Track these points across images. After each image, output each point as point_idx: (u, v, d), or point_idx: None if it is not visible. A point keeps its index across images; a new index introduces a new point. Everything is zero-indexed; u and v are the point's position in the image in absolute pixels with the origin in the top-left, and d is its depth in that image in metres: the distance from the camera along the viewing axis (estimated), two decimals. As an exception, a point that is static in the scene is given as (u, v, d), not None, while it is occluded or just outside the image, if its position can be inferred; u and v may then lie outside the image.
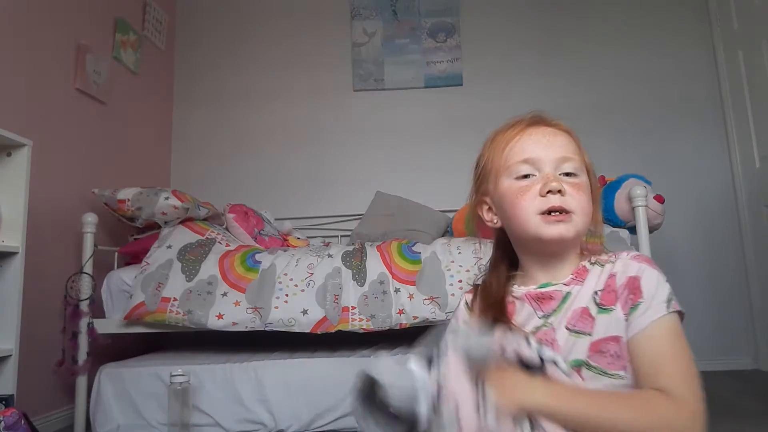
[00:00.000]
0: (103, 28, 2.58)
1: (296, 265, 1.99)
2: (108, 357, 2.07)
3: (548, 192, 0.77)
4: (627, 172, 2.26)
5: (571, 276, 0.81)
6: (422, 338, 0.81)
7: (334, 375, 1.83)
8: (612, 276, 0.76)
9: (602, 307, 0.75)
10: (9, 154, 1.69)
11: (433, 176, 3.04)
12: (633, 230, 2.06)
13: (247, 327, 1.91)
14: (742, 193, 2.83)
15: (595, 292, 0.77)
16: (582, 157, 0.83)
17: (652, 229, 2.07)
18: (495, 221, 0.87)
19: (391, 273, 1.95)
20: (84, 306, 2.04)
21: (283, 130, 3.18)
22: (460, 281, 1.89)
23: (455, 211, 2.59)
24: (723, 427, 1.68)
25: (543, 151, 0.80)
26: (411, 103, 3.15)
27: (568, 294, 0.80)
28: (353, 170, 3.11)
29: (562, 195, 0.77)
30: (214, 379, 1.85)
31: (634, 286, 0.73)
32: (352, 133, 3.15)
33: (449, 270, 1.92)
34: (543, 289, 0.82)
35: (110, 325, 2.06)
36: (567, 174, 0.80)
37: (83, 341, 2.02)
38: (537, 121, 0.84)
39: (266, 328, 1.90)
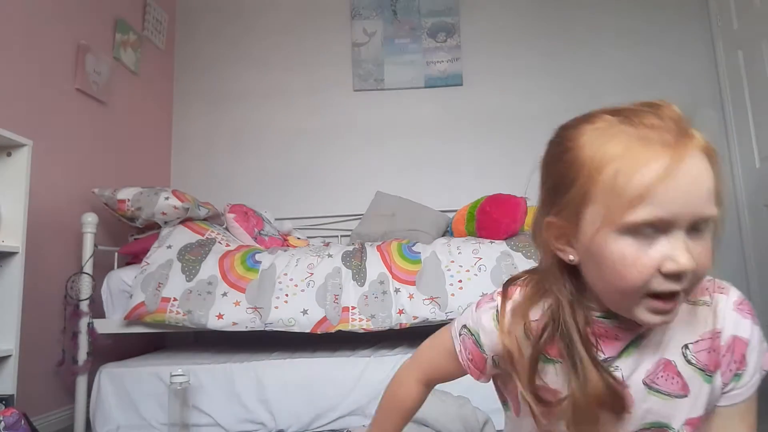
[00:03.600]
0: (103, 28, 2.58)
1: (296, 265, 1.99)
2: (108, 357, 2.07)
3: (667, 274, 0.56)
4: (627, 172, 2.25)
5: None
6: None
7: (334, 375, 1.83)
8: (716, 334, 0.62)
9: (706, 373, 0.62)
10: (9, 154, 1.69)
11: (433, 176, 3.05)
12: (633, 230, 2.06)
13: (247, 327, 1.91)
14: (742, 193, 2.83)
15: (686, 346, 0.62)
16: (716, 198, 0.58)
17: (652, 229, 2.07)
18: (571, 259, 0.63)
19: (391, 273, 1.95)
20: (84, 306, 2.04)
21: (283, 130, 3.18)
22: (460, 281, 1.89)
23: (455, 211, 2.59)
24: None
25: (681, 207, 0.55)
26: (411, 103, 3.15)
27: (638, 337, 0.63)
28: (353, 170, 3.11)
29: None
30: (214, 379, 1.85)
31: (740, 351, 0.61)
32: (352, 133, 3.15)
33: (449, 270, 1.92)
34: (605, 322, 0.63)
35: (110, 325, 2.06)
36: (697, 231, 0.57)
37: (83, 341, 2.02)
38: (682, 140, 0.58)
39: (266, 328, 1.90)
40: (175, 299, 1.95)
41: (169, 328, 1.99)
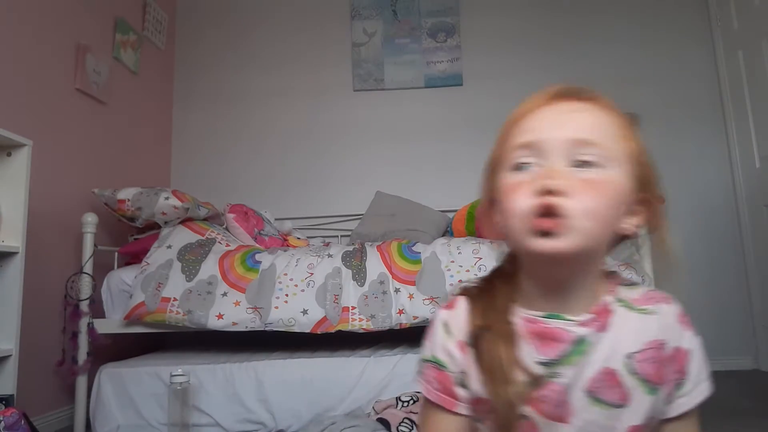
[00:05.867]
0: (103, 28, 2.58)
1: (296, 265, 1.99)
2: (108, 357, 2.07)
3: (544, 192, 0.55)
4: (627, 172, 2.25)
5: (590, 315, 0.60)
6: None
7: (334, 375, 1.83)
8: (660, 344, 0.60)
9: (650, 385, 0.59)
10: (9, 154, 1.69)
11: (433, 176, 3.05)
12: (633, 230, 2.06)
13: (247, 327, 1.91)
14: (742, 193, 2.83)
15: (629, 355, 0.59)
16: (620, 143, 0.58)
17: (652, 229, 2.07)
18: (497, 221, 0.63)
19: (391, 273, 1.95)
20: (84, 306, 2.04)
21: (283, 129, 3.18)
22: (460, 281, 1.88)
23: (455, 211, 2.59)
24: (723, 427, 1.68)
25: (550, 131, 0.58)
26: (411, 103, 3.15)
27: (582, 340, 0.59)
28: (353, 170, 3.11)
29: (564, 195, 0.54)
30: (214, 379, 1.85)
31: (682, 362, 0.61)
32: (352, 133, 3.15)
33: (449, 270, 1.92)
34: (547, 323, 0.60)
35: (110, 325, 2.06)
36: (583, 163, 0.56)
37: (83, 341, 2.02)
38: (561, 94, 0.62)
39: (266, 328, 1.90)
40: (175, 299, 1.95)
41: (169, 328, 1.99)
